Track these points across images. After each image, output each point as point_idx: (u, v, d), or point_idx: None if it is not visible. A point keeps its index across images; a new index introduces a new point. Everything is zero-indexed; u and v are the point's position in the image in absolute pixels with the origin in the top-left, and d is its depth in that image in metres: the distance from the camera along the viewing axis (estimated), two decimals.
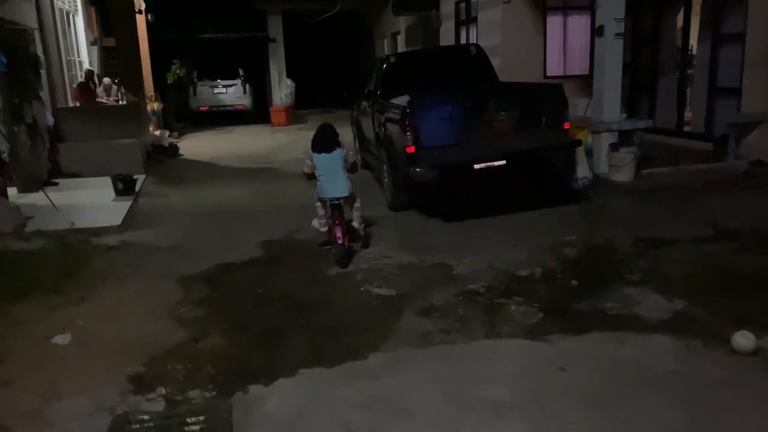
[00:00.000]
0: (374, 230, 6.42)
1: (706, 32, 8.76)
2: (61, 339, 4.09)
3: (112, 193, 8.53)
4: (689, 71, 9.37)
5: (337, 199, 5.56)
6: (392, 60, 8.07)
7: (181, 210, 7.91)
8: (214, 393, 3.43)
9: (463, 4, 11.59)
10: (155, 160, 11.73)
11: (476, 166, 6.18)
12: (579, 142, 6.93)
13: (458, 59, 8.18)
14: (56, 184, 9.53)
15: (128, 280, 5.30)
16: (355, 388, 3.40)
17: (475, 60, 8.07)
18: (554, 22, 10.19)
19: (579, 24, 10.31)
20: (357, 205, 5.91)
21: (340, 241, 5.37)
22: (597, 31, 7.78)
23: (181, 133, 16.47)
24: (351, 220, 5.90)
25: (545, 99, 6.70)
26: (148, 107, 15.05)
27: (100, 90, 13.30)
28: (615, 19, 7.46)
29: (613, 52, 7.59)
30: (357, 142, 10.15)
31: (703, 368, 3.46)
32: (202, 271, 5.41)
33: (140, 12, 12.99)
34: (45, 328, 4.28)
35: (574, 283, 4.76)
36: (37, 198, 8.40)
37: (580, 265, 5.13)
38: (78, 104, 11.78)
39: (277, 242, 6.27)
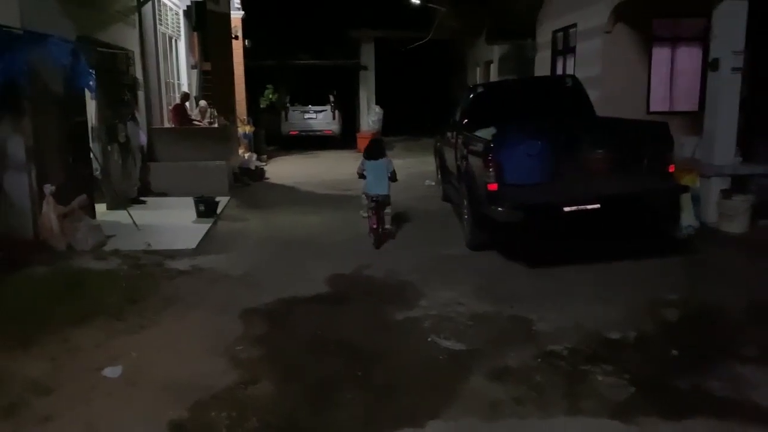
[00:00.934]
0: (449, 271, 5.99)
1: None
2: (111, 372, 3.94)
3: (194, 214, 8.61)
4: None
5: (378, 195, 7.06)
6: (480, 90, 7.67)
7: (256, 235, 7.82)
8: None
9: (560, 33, 11.02)
10: (241, 182, 11.89)
11: (566, 209, 5.62)
12: (685, 188, 6.22)
13: (552, 91, 7.65)
14: (144, 202, 9.80)
15: (192, 309, 5.16)
16: None
17: (570, 93, 7.51)
18: (661, 53, 9.42)
19: (689, 56, 9.48)
20: (388, 210, 7.42)
21: (375, 226, 7.08)
22: (711, 65, 7.05)
23: (271, 157, 16.79)
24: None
25: (648, 137, 6.04)
26: (240, 130, 15.43)
27: (195, 112, 13.75)
28: (733, 51, 6.71)
29: (729, 88, 6.82)
30: (439, 172, 9.79)
31: None
32: (266, 305, 5.19)
33: (236, 37, 13.38)
34: (99, 357, 4.16)
35: (675, 353, 4.11)
36: (123, 215, 8.61)
37: (683, 332, 4.46)
38: (172, 125, 12.17)
39: (346, 277, 5.97)
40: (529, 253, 6.32)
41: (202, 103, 13.57)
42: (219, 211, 9.06)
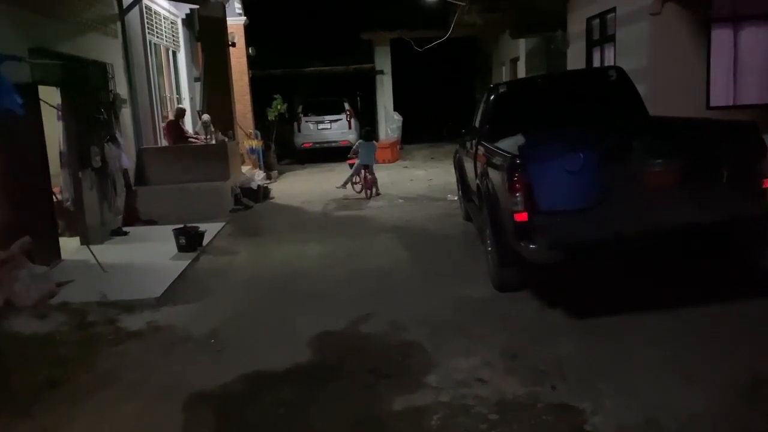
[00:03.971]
0: (469, 324, 4.63)
1: None
2: None
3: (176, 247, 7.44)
4: None
5: (367, 165, 10.81)
6: (503, 90, 6.27)
7: (240, 275, 6.57)
8: None
9: (596, 21, 9.55)
10: (242, 204, 10.70)
11: (622, 244, 4.20)
12: None
13: (592, 88, 6.17)
14: (126, 233, 8.68)
15: (126, 395, 3.91)
16: None
17: (616, 88, 6.04)
18: (722, 35, 7.87)
19: (757, 37, 7.89)
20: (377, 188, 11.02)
21: (367, 188, 10.90)
22: None
23: (282, 172, 15.64)
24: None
25: (728, 142, 4.56)
26: (247, 145, 14.32)
27: (198, 128, 12.67)
28: None
29: None
30: (459, 187, 8.40)
31: None
32: (224, 386, 3.91)
33: (233, 45, 12.27)
34: None
35: None
36: (98, 251, 7.48)
37: None
38: (167, 144, 11.08)
39: (336, 336, 4.65)
40: (572, 296, 4.93)
41: (205, 117, 12.46)
42: (206, 242, 7.86)
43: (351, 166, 11.69)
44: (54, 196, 8.09)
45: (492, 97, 6.29)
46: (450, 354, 4.15)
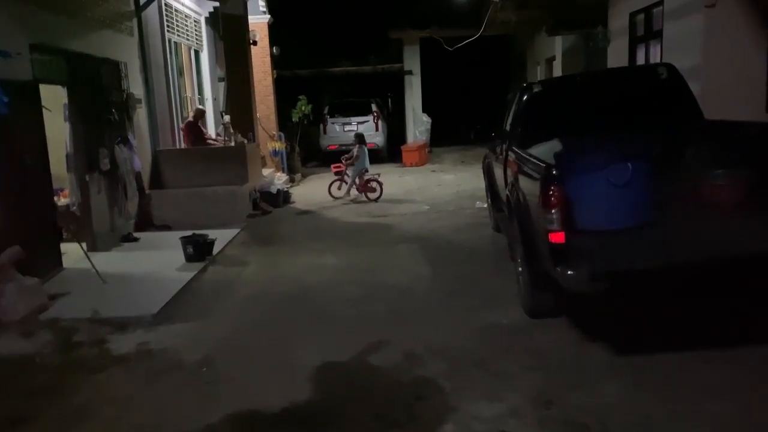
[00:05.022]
0: (495, 358, 4.01)
1: None
2: None
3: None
4: None
5: (367, 168, 10.99)
6: (537, 89, 5.62)
7: (247, 289, 6.06)
8: None
9: (641, 15, 8.79)
10: (260, 209, 10.24)
11: (676, 272, 3.54)
12: None
13: (640, 87, 5.46)
14: (136, 240, 8.28)
15: None
16: None
17: (666, 88, 5.33)
18: None
19: None
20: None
21: (361, 191, 10.92)
22: None
23: (306, 175, 15.18)
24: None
25: None
26: (269, 147, 13.90)
27: (219, 129, 12.28)
28: None
29: None
30: (488, 195, 7.76)
31: None
32: (208, 429, 3.38)
33: (254, 43, 11.84)
34: None
35: None
36: (104, 259, 7.10)
37: None
38: (186, 146, 10.69)
39: (341, 368, 4.08)
40: (617, 326, 4.28)
41: (226, 118, 12.06)
42: (218, 250, 7.40)
43: (338, 173, 11.35)
44: (57, 201, 7.81)
45: (525, 98, 5.64)
46: (471, 397, 3.55)
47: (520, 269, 4.84)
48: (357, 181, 10.97)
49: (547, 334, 4.39)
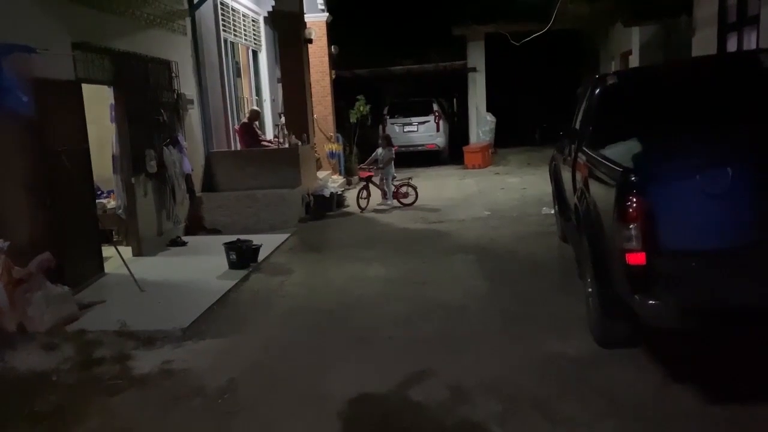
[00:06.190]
0: (559, 398, 3.35)
1: None
2: None
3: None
4: None
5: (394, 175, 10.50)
6: (613, 81, 4.87)
7: (287, 302, 5.62)
8: None
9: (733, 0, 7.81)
10: (312, 213, 9.86)
11: None
12: None
13: (738, 77, 4.62)
14: (184, 244, 8.05)
15: None
16: None
17: None
18: None
19: None
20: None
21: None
22: None
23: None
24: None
25: None
26: (326, 149, 13.54)
27: (276, 130, 12.03)
28: None
29: None
30: (555, 201, 7.03)
31: None
32: None
33: (310, 41, 11.48)
34: None
35: None
36: (147, 264, 6.91)
37: None
38: (241, 148, 10.46)
39: (378, 404, 3.54)
40: (708, 362, 3.55)
41: (282, 119, 11.79)
42: (264, 256, 7.05)
43: (364, 179, 10.62)
44: (107, 204, 7.67)
45: (597, 91, 4.90)
46: None
47: (589, 290, 4.15)
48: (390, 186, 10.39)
49: (623, 370, 3.69)
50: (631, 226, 3.02)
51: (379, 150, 10.70)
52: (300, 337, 4.73)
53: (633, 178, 3.07)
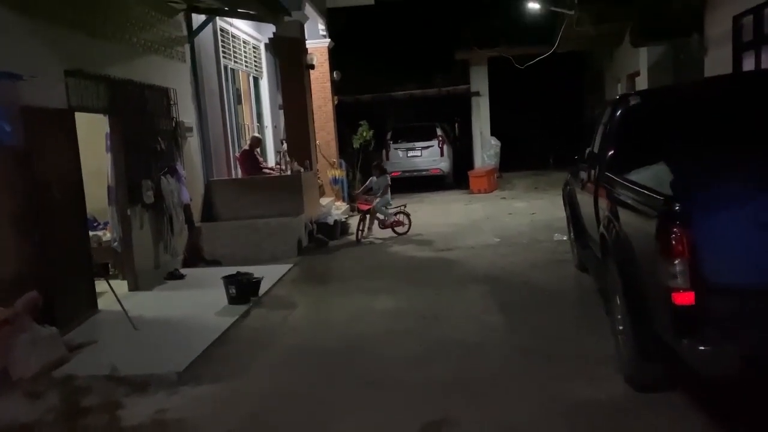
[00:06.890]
0: None
1: None
2: None
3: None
4: None
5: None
6: (635, 101, 4.58)
7: (290, 341, 5.26)
8: None
9: (748, 18, 7.55)
10: (316, 242, 9.53)
11: None
12: None
13: None
14: (182, 277, 7.70)
15: None
16: None
17: None
18: None
19: None
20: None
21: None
22: None
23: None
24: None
25: None
26: (329, 175, 13.26)
27: (278, 158, 11.77)
28: None
29: None
30: (570, 228, 6.70)
31: None
32: None
33: (312, 67, 11.29)
34: None
35: None
36: (143, 299, 6.58)
37: None
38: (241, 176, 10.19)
39: None
40: (756, 406, 3.18)
41: (284, 146, 11.52)
42: (265, 289, 6.70)
43: (361, 210, 10.13)
44: (103, 236, 7.37)
45: (619, 113, 4.62)
46: None
47: (620, 327, 3.80)
48: (382, 216, 9.85)
49: (659, 416, 3.34)
50: (676, 261, 2.69)
51: (373, 178, 10.29)
52: (302, 382, 4.35)
53: (677, 208, 2.75)
